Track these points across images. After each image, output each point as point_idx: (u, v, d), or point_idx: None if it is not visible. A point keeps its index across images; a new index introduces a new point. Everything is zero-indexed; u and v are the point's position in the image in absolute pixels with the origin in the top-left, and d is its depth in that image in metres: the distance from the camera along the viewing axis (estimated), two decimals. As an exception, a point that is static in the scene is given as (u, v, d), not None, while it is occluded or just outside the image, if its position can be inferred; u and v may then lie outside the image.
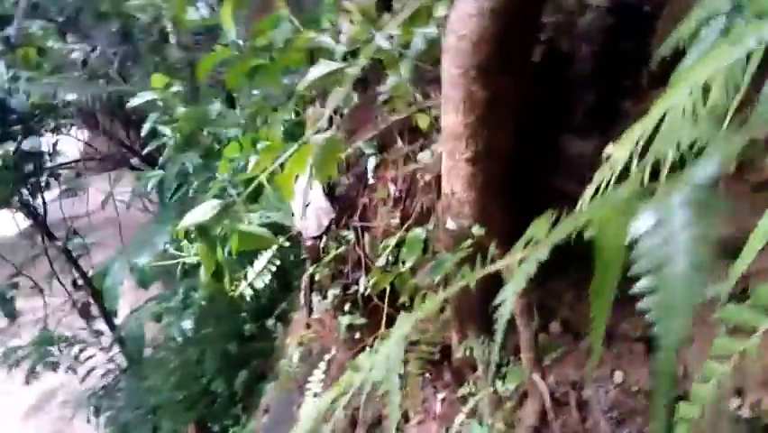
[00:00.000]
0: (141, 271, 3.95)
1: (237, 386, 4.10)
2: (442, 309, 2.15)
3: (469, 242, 1.92)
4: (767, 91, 0.80)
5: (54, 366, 4.36)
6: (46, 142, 5.46)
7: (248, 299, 2.89)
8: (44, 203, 5.55)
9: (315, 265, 2.73)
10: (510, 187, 2.01)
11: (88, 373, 5.65)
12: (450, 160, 1.96)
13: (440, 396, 2.34)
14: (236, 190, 2.62)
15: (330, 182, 2.70)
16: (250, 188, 1.81)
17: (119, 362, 5.50)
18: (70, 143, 6.91)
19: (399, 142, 2.53)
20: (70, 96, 5.24)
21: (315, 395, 2.50)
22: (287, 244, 2.86)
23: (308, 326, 2.79)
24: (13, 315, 5.32)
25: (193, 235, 1.92)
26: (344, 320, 2.59)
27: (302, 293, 2.87)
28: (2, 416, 6.35)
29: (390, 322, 2.51)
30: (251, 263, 2.82)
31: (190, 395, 4.23)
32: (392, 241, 2.38)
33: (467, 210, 1.97)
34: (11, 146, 5.02)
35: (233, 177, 2.78)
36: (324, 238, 2.73)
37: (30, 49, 4.84)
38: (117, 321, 5.46)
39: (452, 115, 1.83)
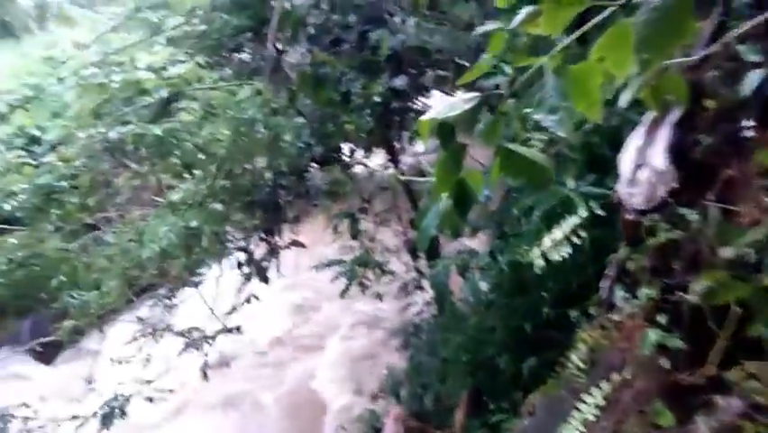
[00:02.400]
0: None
1: (524, 370, 3.57)
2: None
3: None
4: None
5: (364, 288, 4.58)
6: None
7: (538, 271, 2.30)
8: (400, 140, 5.81)
9: (631, 249, 1.97)
10: None
11: (406, 307, 5.89)
12: None
13: None
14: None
15: (679, 138, 1.86)
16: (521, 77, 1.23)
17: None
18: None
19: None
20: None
21: (585, 425, 1.81)
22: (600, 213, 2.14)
23: (603, 327, 2.06)
24: (356, 235, 5.80)
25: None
26: (653, 335, 1.80)
27: (606, 283, 2.14)
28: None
29: (727, 360, 1.63)
30: (549, 227, 2.21)
31: (473, 361, 3.90)
32: (760, 233, 1.48)
33: None
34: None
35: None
36: (655, 215, 1.94)
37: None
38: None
39: None
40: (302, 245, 5.73)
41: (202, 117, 4.43)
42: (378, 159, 6.59)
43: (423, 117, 1.38)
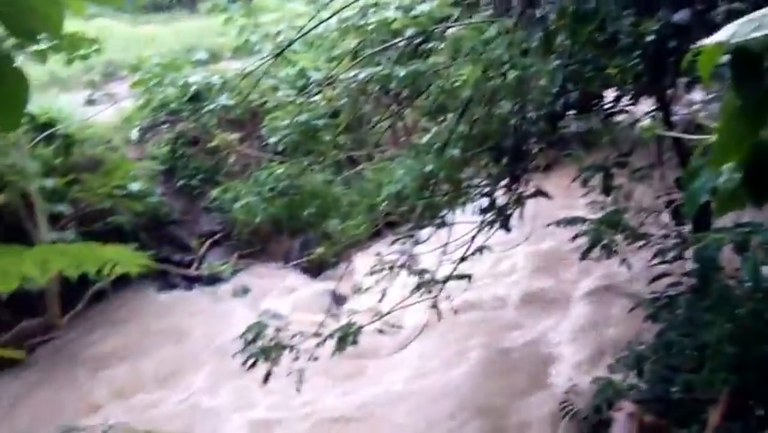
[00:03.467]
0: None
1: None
2: None
3: None
4: None
5: (609, 253, 4.09)
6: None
7: None
8: (674, 87, 4.97)
9: None
10: None
11: (659, 277, 5.20)
12: None
13: None
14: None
15: None
16: None
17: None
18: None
19: None
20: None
21: None
22: None
23: None
24: (608, 191, 5.24)
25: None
26: None
27: None
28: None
29: None
30: None
31: (742, 355, 3.24)
32: None
33: None
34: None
35: None
36: None
37: None
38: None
39: None
40: (547, 196, 5.38)
41: (452, 57, 4.33)
42: (644, 108, 5.79)
43: (705, 41, 0.99)
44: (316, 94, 5.29)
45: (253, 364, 3.70)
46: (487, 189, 5.22)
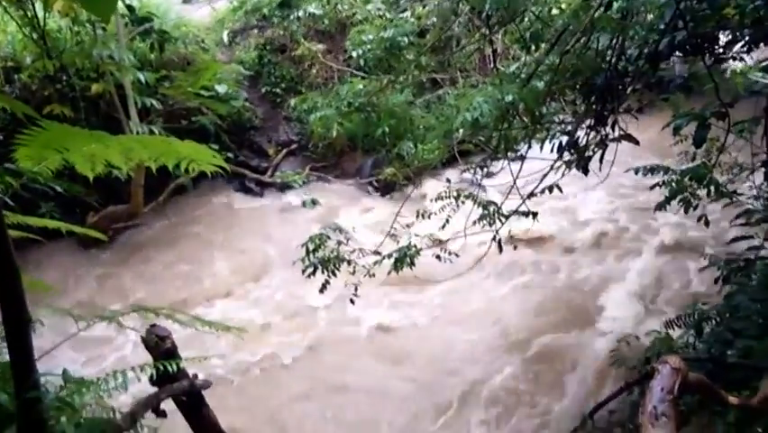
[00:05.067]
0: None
1: None
2: None
3: None
4: None
5: (688, 207, 3.86)
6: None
7: None
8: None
9: None
10: None
11: (740, 238, 4.93)
12: None
13: None
14: None
15: None
16: None
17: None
18: None
19: None
20: None
21: None
22: None
23: None
24: (701, 142, 4.92)
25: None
26: None
27: None
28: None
29: None
30: None
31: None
32: None
33: None
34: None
35: None
36: None
37: None
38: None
39: None
40: (635, 141, 5.10)
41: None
42: (761, 56, 5.26)
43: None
44: (405, 10, 5.14)
45: (312, 273, 3.85)
46: (569, 128, 5.00)
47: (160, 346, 2.90)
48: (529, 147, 5.55)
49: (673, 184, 3.82)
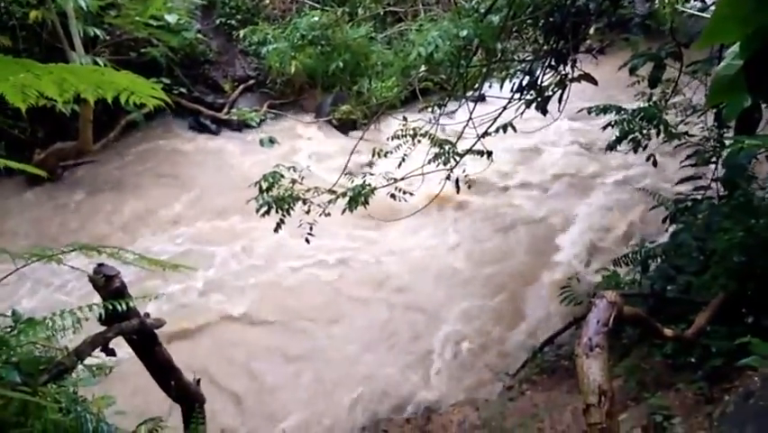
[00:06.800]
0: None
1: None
2: None
3: None
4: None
5: (637, 147, 3.93)
6: None
7: None
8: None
9: None
10: None
11: (687, 179, 5.05)
12: None
13: None
14: None
15: None
16: None
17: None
18: None
19: None
20: None
21: None
22: None
23: None
24: (656, 83, 4.95)
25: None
26: None
27: None
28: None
29: None
30: None
31: (747, 265, 3.22)
32: None
33: None
34: None
35: None
36: None
37: None
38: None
39: None
40: (593, 81, 5.08)
41: None
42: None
43: None
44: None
45: (267, 212, 3.79)
46: (528, 67, 4.95)
47: (108, 286, 2.85)
48: (490, 86, 5.49)
49: (624, 124, 3.86)
